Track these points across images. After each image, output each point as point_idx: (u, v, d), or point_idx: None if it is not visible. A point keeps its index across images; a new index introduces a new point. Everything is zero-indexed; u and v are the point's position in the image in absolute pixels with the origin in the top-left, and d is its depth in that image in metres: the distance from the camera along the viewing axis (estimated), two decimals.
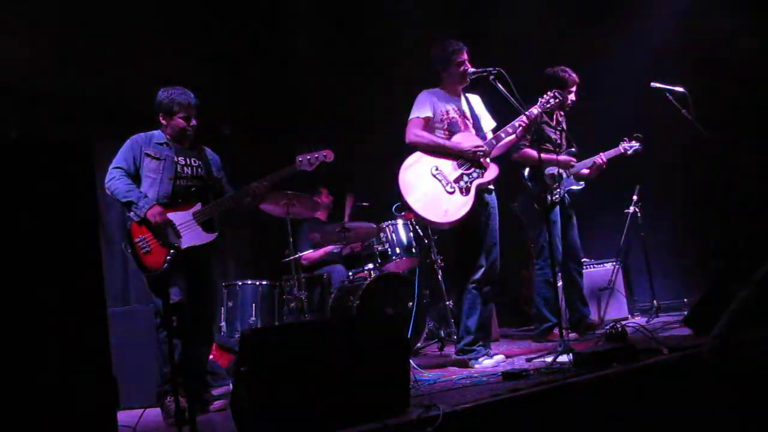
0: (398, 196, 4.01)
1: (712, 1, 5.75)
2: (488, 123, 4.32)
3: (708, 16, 5.70)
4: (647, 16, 6.15)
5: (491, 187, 4.20)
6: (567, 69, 5.04)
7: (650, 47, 6.01)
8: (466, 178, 4.05)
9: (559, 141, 5.09)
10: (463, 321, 4.11)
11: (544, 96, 4.24)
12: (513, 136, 4.16)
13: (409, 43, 6.27)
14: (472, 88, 4.29)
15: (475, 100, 4.36)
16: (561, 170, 4.96)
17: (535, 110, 4.15)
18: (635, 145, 5.14)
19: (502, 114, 4.24)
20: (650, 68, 5.63)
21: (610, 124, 5.76)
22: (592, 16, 6.21)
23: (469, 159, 4.06)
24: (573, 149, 5.12)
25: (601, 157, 5.07)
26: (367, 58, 6.77)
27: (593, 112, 5.76)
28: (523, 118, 4.09)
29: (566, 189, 5.04)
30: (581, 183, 5.11)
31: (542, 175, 4.83)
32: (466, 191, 4.02)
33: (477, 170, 4.08)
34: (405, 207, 4.09)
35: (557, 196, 4.93)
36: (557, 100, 4.27)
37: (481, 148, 4.04)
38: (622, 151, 5.14)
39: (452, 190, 4.00)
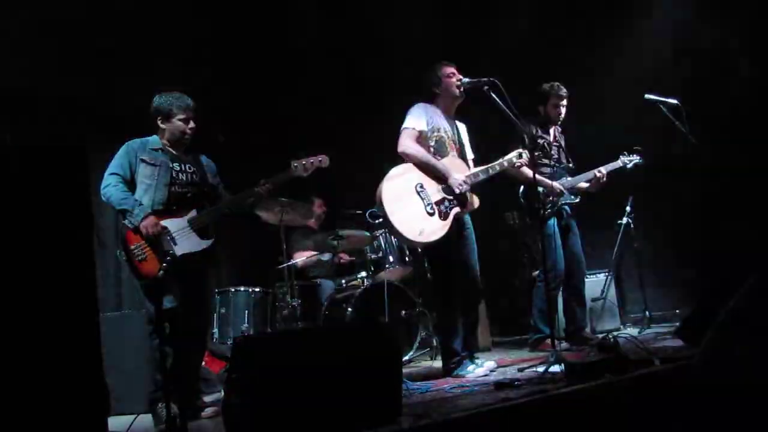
0: (377, 203, 3.91)
1: (709, 14, 5.80)
2: (470, 154, 4.34)
3: (704, 30, 5.76)
4: (645, 29, 6.21)
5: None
6: (555, 83, 5.08)
7: (647, 60, 6.06)
8: (447, 203, 4.01)
9: (556, 156, 5.10)
10: (446, 344, 4.08)
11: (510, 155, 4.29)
12: (497, 172, 4.21)
13: (401, 54, 6.30)
14: (466, 101, 4.29)
15: (462, 128, 4.38)
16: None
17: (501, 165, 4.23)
18: (635, 158, 5.12)
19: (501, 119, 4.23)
20: (645, 81, 5.67)
21: (605, 136, 5.79)
22: (589, 28, 6.27)
23: (452, 191, 4.03)
24: (570, 164, 5.12)
25: (601, 171, 5.04)
26: (359, 65, 6.80)
27: (589, 125, 5.79)
28: (512, 159, 4.21)
29: (562, 203, 5.01)
30: (576, 197, 5.08)
31: (536, 191, 4.83)
32: (444, 216, 3.98)
33: (459, 199, 4.07)
34: (381, 215, 3.97)
35: (550, 210, 4.93)
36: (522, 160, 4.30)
37: (464, 187, 4.02)
38: (621, 164, 5.12)
39: (432, 211, 3.95)
